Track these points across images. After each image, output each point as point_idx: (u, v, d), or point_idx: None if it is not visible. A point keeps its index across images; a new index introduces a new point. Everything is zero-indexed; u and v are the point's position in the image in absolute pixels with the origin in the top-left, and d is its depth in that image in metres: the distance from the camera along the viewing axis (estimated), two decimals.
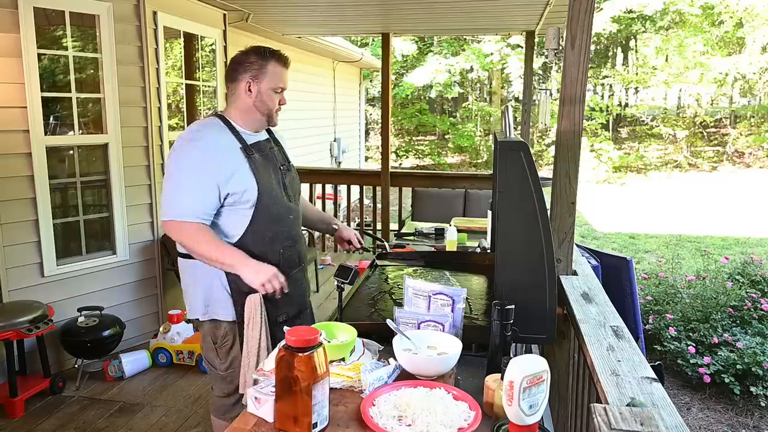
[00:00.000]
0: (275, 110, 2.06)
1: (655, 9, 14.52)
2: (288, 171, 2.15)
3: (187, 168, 1.92)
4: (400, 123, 18.16)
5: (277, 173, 2.07)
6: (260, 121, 2.06)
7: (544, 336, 1.66)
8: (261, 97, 2.01)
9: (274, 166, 2.07)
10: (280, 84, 2.03)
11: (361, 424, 1.25)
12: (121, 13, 3.68)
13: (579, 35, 1.98)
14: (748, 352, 3.62)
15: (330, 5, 4.71)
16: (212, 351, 2.11)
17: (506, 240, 1.67)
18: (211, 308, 2.05)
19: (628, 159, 15.97)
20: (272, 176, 2.04)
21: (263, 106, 2.03)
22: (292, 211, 2.11)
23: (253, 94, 2.01)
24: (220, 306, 2.04)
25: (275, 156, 2.12)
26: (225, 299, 2.02)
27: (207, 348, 2.13)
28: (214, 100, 4.82)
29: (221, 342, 2.08)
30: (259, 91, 2.01)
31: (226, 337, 2.07)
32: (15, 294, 3.34)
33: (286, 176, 2.12)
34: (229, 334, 2.06)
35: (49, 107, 3.49)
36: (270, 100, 2.02)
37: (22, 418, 3.10)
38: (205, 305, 2.05)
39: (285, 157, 2.19)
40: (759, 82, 16.31)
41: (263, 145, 2.08)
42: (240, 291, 1.98)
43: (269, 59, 2.01)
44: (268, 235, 2.02)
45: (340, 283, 1.86)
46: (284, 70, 2.05)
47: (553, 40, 4.05)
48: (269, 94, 2.01)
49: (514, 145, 1.62)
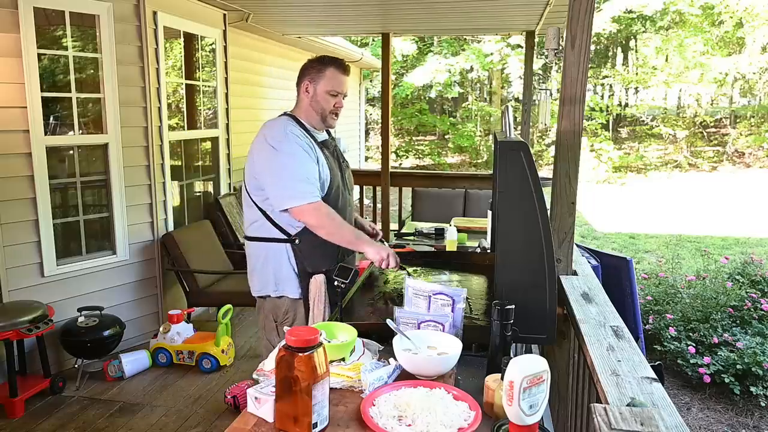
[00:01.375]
0: (329, 112, 2.25)
1: (655, 9, 14.52)
2: (347, 168, 2.41)
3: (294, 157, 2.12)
4: (400, 123, 18.16)
5: (340, 169, 2.33)
6: (317, 120, 2.27)
7: (544, 336, 1.66)
8: (316, 98, 2.24)
9: (338, 162, 2.32)
10: (336, 88, 2.24)
11: (361, 424, 1.25)
12: (121, 13, 3.68)
13: (579, 35, 1.98)
14: (748, 352, 3.62)
15: (330, 5, 4.71)
16: (273, 330, 2.32)
17: (506, 240, 1.67)
18: (280, 285, 2.26)
19: (628, 159, 15.97)
20: (338, 171, 2.29)
21: (317, 106, 2.24)
22: (349, 203, 2.38)
23: (310, 95, 2.25)
24: (289, 284, 2.25)
25: (338, 152, 2.37)
26: (293, 278, 2.24)
27: (268, 328, 2.34)
28: (214, 100, 4.82)
29: (283, 318, 2.29)
30: (315, 91, 2.24)
31: (287, 314, 2.28)
32: (15, 294, 3.34)
33: (345, 172, 2.38)
34: (291, 311, 2.28)
35: (49, 107, 3.50)
36: (324, 101, 2.23)
37: (22, 418, 3.10)
38: (276, 282, 2.26)
39: (342, 155, 2.43)
40: (759, 82, 16.31)
41: (329, 142, 2.34)
42: (305, 272, 2.22)
43: (328, 65, 2.25)
44: None
45: (340, 283, 1.86)
46: (342, 76, 2.26)
47: (553, 40, 4.04)
48: (324, 95, 2.23)
49: (514, 145, 1.62)
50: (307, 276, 2.22)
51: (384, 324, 1.57)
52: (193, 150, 4.76)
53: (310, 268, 2.21)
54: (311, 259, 2.21)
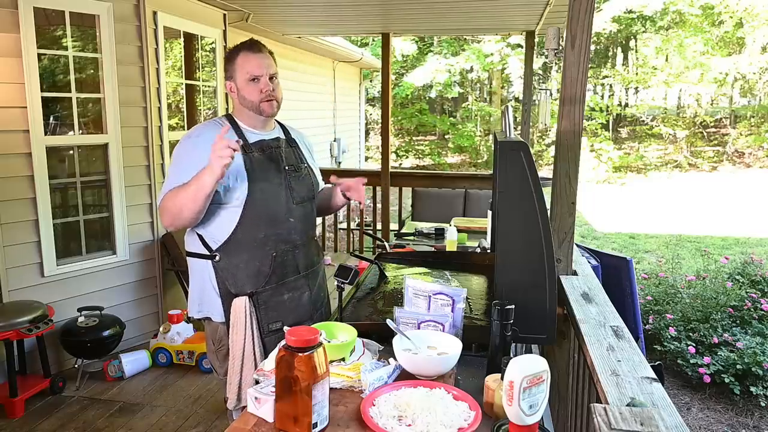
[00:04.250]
0: (259, 101, 1.95)
1: (655, 9, 14.53)
2: (296, 172, 2.06)
3: (180, 159, 1.92)
4: (400, 123, 18.16)
5: (280, 173, 2.00)
6: (254, 117, 2.00)
7: (544, 336, 1.66)
8: (241, 93, 1.96)
9: (277, 165, 2.00)
10: (252, 71, 1.94)
11: (361, 424, 1.25)
12: (121, 13, 3.68)
13: (579, 35, 1.98)
14: (748, 352, 3.62)
15: (330, 5, 4.71)
16: (212, 353, 2.10)
17: (506, 240, 1.67)
18: (203, 307, 2.03)
19: (628, 159, 15.97)
20: (273, 176, 1.97)
21: (245, 101, 1.97)
22: (293, 214, 2.01)
23: (235, 93, 1.98)
24: (212, 306, 2.00)
25: (280, 156, 2.03)
26: (215, 299, 1.99)
27: (208, 350, 2.13)
28: (214, 100, 4.82)
29: (218, 346, 2.06)
30: (237, 86, 1.97)
31: (221, 342, 2.04)
32: (15, 294, 3.34)
33: (291, 177, 2.03)
34: (225, 338, 2.02)
35: (49, 107, 3.49)
36: (248, 92, 1.95)
37: (22, 418, 3.10)
38: (199, 303, 2.04)
39: (297, 158, 2.10)
40: (759, 82, 16.31)
41: (268, 143, 2.01)
42: (228, 292, 1.95)
43: (238, 52, 1.97)
44: (259, 237, 1.95)
45: (340, 283, 1.85)
46: (256, 56, 1.96)
47: (553, 40, 4.04)
48: (245, 86, 1.95)
49: (514, 145, 1.62)
50: (230, 297, 1.95)
51: (384, 324, 1.57)
52: None
53: (232, 289, 1.95)
54: (233, 279, 1.95)
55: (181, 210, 1.84)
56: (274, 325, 1.99)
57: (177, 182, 1.86)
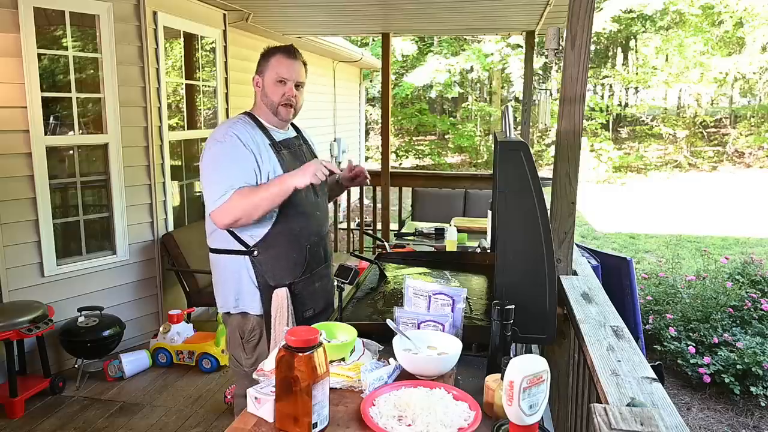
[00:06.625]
0: (279, 104, 2.06)
1: (655, 9, 14.54)
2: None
3: (223, 160, 1.97)
4: (400, 123, 18.16)
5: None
6: (271, 116, 2.09)
7: (544, 336, 1.66)
8: (265, 90, 2.07)
9: (302, 163, 2.09)
10: (282, 74, 2.04)
11: (361, 424, 1.25)
12: (121, 13, 3.68)
13: (579, 35, 1.98)
14: (748, 352, 3.62)
15: (330, 5, 4.71)
16: (239, 347, 2.15)
17: (506, 240, 1.67)
18: (241, 301, 2.09)
19: (628, 159, 15.97)
20: None
21: (266, 99, 2.07)
22: (318, 208, 2.18)
23: (260, 89, 2.08)
24: (249, 299, 2.08)
25: (303, 153, 2.19)
26: (253, 292, 2.07)
27: (234, 344, 2.17)
28: (214, 100, 4.82)
29: (248, 336, 2.12)
30: (264, 83, 2.07)
31: (253, 332, 2.11)
32: (15, 294, 3.34)
33: None
34: (257, 328, 2.10)
35: (49, 107, 3.49)
36: (272, 92, 2.05)
37: (22, 418, 3.10)
38: (236, 298, 2.09)
39: (312, 155, 2.25)
40: (759, 82, 16.33)
41: (291, 141, 2.16)
42: (267, 285, 2.04)
43: (274, 53, 2.06)
44: (296, 230, 2.07)
45: (341, 283, 1.86)
46: (289, 60, 2.06)
47: (553, 40, 4.04)
48: (272, 86, 2.05)
49: (514, 145, 1.62)
50: (269, 290, 2.04)
51: (384, 324, 1.57)
52: (193, 150, 4.75)
53: (272, 282, 2.04)
54: (273, 272, 2.04)
55: (255, 208, 1.93)
56: (307, 312, 2.12)
57: (237, 181, 1.93)
